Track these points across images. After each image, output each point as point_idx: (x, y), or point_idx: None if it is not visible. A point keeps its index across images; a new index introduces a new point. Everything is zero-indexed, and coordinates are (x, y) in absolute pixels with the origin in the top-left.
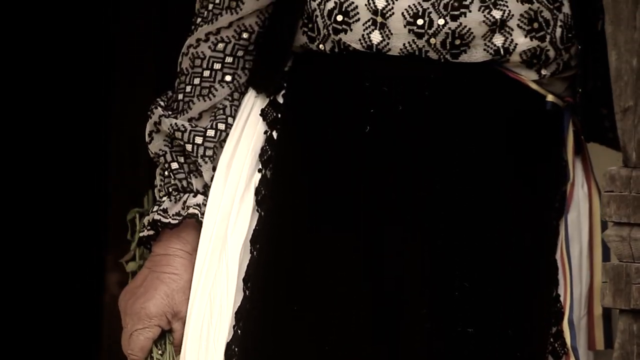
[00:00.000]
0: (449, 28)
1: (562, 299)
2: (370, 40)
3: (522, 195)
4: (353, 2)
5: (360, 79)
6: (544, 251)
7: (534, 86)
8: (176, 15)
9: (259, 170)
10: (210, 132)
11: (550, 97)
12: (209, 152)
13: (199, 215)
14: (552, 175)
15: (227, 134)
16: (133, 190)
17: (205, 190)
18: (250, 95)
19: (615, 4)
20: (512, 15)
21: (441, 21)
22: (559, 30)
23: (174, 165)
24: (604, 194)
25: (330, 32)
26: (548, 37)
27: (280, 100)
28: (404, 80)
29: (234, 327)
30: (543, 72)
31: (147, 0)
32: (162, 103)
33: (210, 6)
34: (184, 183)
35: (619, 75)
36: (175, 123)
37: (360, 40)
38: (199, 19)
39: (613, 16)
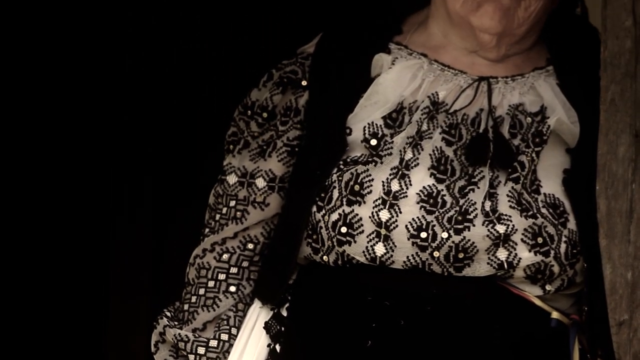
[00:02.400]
0: (453, 242)
1: None
2: (374, 253)
3: None
4: (357, 214)
5: (362, 293)
6: None
7: (538, 302)
8: (172, 226)
9: None
10: (213, 343)
11: (555, 314)
12: None
13: None
14: None
15: (231, 345)
16: None
17: None
18: (255, 306)
19: (610, 217)
20: (516, 229)
21: (445, 234)
22: (563, 246)
23: None
24: None
25: (335, 243)
26: (552, 252)
27: (284, 313)
28: (406, 295)
29: None
30: (547, 287)
31: (142, 215)
32: (168, 313)
33: (217, 216)
34: None
35: (614, 289)
36: (179, 333)
37: (364, 252)
38: (206, 230)
39: (607, 230)
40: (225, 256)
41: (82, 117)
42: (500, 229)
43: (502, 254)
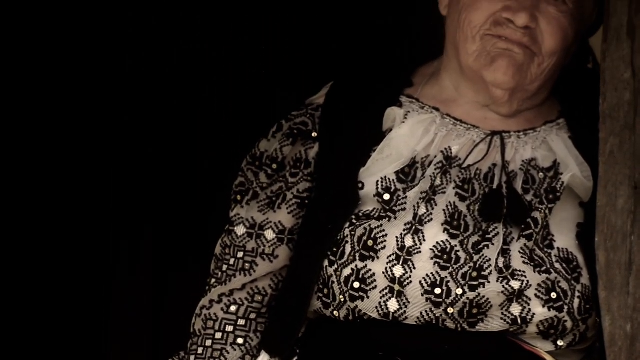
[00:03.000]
0: (467, 298)
1: None
2: (387, 309)
3: None
4: (370, 270)
5: (374, 348)
6: None
7: (549, 359)
8: (172, 278)
9: None
10: None
11: None
12: None
13: None
14: None
15: None
16: None
17: None
18: (262, 358)
19: (609, 269)
20: (530, 285)
21: (459, 291)
22: (577, 301)
23: None
24: None
25: (347, 299)
26: (566, 307)
27: None
28: (418, 351)
29: None
30: (559, 343)
31: (142, 266)
32: None
33: (225, 267)
34: None
35: (613, 341)
36: None
37: (377, 308)
38: (212, 280)
39: (606, 282)
40: (233, 308)
41: (79, 125)
42: (515, 284)
43: (515, 310)
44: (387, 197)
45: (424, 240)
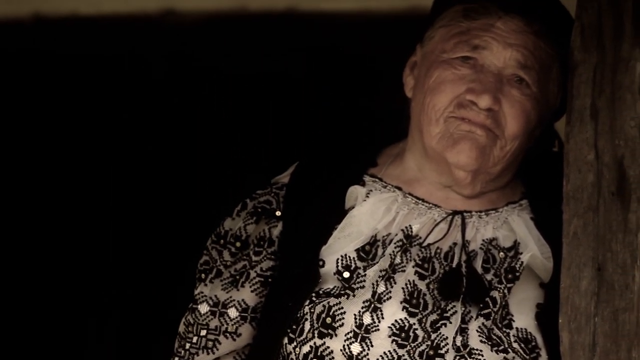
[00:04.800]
0: None
1: None
2: None
3: None
4: (328, 347)
5: None
6: None
7: None
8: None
9: None
10: None
11: None
12: None
13: None
14: None
15: None
16: None
17: None
18: None
19: (572, 351)
20: None
21: None
22: None
23: None
24: None
25: None
26: None
27: None
28: None
29: None
30: None
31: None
32: None
33: (188, 345)
34: None
35: None
36: None
37: None
38: (176, 359)
39: None
40: None
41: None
42: None
43: None
44: (347, 275)
45: (383, 318)
